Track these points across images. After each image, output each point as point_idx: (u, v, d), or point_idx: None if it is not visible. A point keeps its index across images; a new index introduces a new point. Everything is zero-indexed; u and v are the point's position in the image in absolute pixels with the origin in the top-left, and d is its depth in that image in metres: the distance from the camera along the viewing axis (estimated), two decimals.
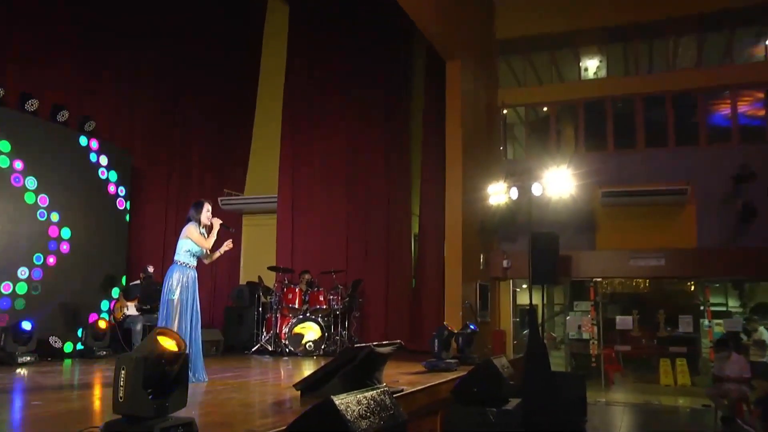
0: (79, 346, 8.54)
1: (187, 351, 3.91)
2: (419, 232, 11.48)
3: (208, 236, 6.06)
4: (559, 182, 8.47)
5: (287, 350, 9.52)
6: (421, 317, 10.73)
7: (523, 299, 12.55)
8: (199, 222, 6.03)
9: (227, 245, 6.28)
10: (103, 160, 9.54)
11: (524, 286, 12.54)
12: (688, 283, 12.55)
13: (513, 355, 10.84)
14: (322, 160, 11.86)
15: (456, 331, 7.92)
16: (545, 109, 12.79)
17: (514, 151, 13.31)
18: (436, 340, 7.26)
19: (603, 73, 12.86)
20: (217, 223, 6.11)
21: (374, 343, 4.78)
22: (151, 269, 9.44)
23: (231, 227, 6.42)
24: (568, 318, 12.32)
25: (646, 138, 11.70)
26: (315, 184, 11.82)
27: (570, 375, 10.35)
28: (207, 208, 6.11)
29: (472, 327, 8.29)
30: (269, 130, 12.85)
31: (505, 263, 11.49)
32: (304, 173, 11.93)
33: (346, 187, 11.61)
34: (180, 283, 5.83)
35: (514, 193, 8.68)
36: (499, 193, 9.49)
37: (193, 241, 5.94)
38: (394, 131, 11.62)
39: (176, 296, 5.77)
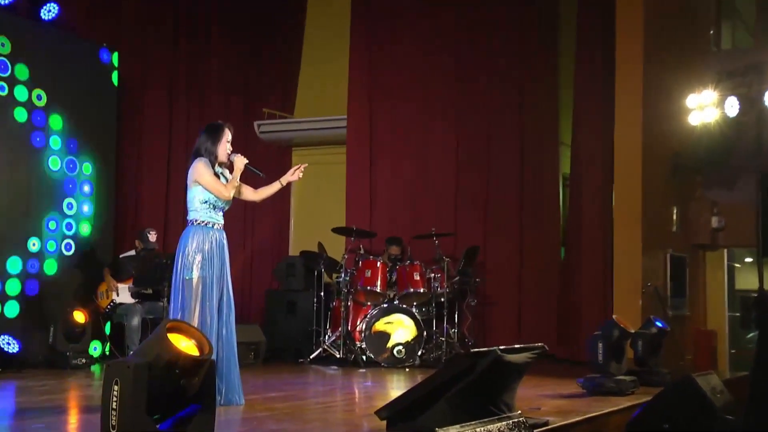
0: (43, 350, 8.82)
1: (214, 356, 4.00)
2: (571, 173, 11.35)
3: (228, 180, 6.12)
4: None
5: (364, 357, 9.70)
6: (575, 308, 10.70)
7: (747, 281, 12.31)
8: (214, 157, 6.09)
9: (296, 172, 6.30)
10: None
11: (748, 259, 12.35)
12: None
13: (729, 373, 10.64)
14: (415, 67, 11.79)
15: (633, 331, 7.86)
16: None
17: (734, 36, 12.79)
18: (601, 345, 7.25)
19: None
20: (240, 162, 6.11)
21: (501, 347, 4.77)
22: (152, 235, 9.64)
23: (261, 171, 6.39)
24: None
25: None
26: (405, 103, 11.82)
27: None
28: (227, 136, 6.16)
29: (659, 325, 8.20)
30: (331, 23, 12.89)
31: (715, 222, 11.29)
32: (387, 86, 11.93)
33: (455, 107, 11.54)
34: (201, 252, 5.94)
35: (733, 107, 8.51)
36: (706, 107, 9.34)
37: (204, 188, 6.01)
38: (530, 16, 11.38)
39: (195, 274, 5.90)
